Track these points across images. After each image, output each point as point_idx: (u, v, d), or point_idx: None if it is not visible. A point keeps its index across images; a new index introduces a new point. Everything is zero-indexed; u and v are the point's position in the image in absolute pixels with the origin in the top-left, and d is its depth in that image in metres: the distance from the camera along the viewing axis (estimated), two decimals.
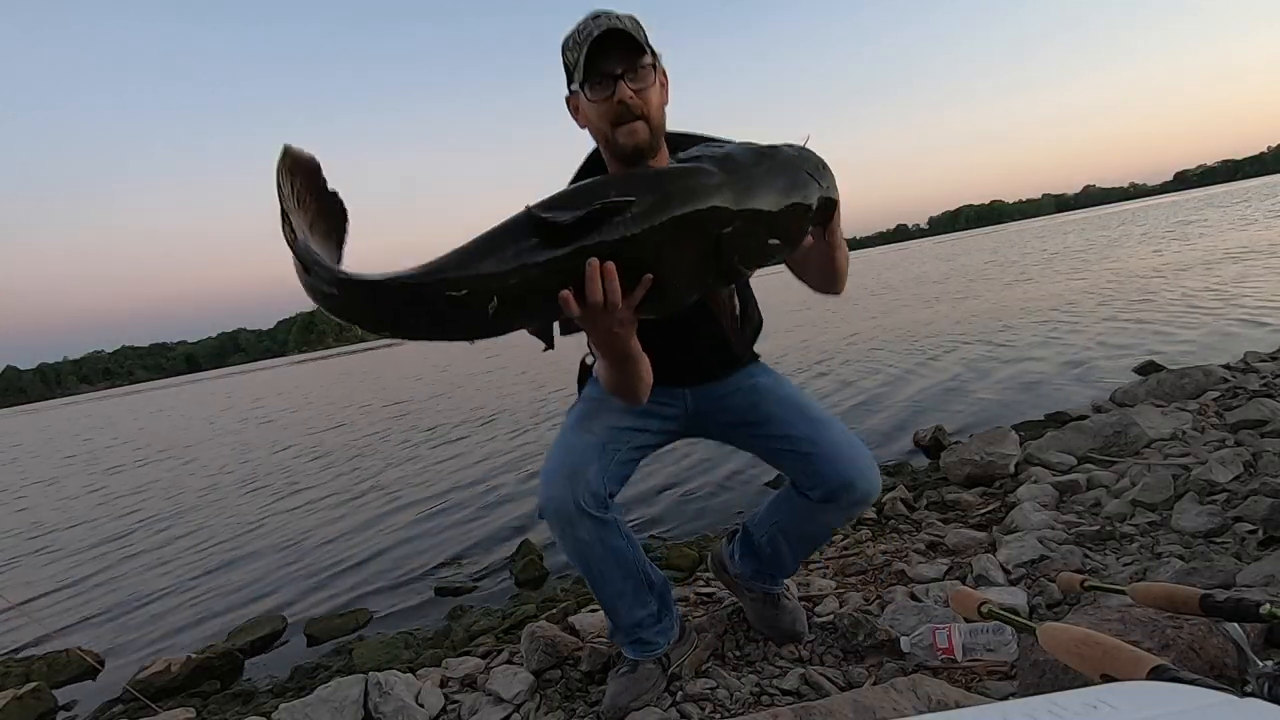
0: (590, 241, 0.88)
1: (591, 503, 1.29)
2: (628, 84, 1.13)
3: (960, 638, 1.43)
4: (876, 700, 0.76)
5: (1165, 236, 18.60)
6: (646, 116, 1.17)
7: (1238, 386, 3.32)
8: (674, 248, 0.94)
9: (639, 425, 1.43)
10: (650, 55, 1.15)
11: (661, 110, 1.21)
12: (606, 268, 0.88)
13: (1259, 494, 1.90)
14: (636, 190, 0.93)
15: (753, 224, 1.00)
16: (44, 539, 5.75)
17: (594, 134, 1.24)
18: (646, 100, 1.16)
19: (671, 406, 1.48)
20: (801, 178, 1.05)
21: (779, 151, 1.06)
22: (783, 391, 1.48)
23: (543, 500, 1.31)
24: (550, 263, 0.88)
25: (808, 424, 1.40)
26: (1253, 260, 9.90)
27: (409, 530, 4.13)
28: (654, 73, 1.17)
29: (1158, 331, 5.99)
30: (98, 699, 2.62)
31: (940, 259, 31.56)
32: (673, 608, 1.57)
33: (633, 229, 0.90)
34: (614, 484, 1.36)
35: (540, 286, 0.89)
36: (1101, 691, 0.55)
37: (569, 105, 1.26)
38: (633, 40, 1.12)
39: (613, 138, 1.18)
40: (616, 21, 1.12)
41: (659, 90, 1.20)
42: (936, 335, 8.02)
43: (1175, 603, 1.07)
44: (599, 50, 1.12)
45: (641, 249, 0.91)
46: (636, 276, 0.92)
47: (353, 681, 1.77)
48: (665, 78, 1.22)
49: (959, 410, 4.58)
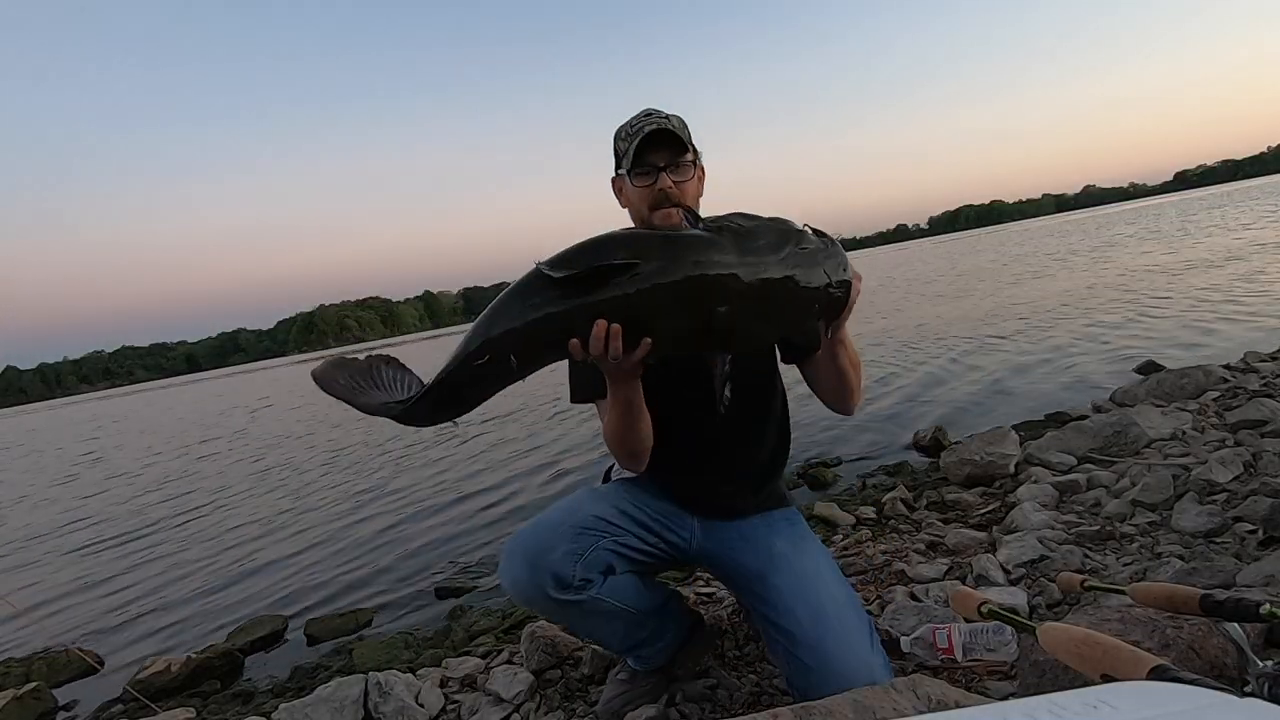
0: (591, 299, 0.95)
1: (554, 586, 1.22)
2: (669, 175, 1.26)
3: (960, 638, 1.43)
4: (876, 700, 0.76)
5: (1166, 236, 18.61)
6: (681, 204, 1.27)
7: (1238, 386, 3.32)
8: (669, 315, 0.98)
9: (638, 531, 1.34)
10: (692, 153, 1.29)
11: (696, 201, 1.32)
12: (613, 329, 0.96)
13: (1259, 494, 1.90)
14: (646, 251, 0.96)
15: (751, 305, 1.00)
16: (44, 539, 5.76)
17: (632, 214, 1.34)
18: (684, 191, 1.28)
19: (676, 533, 1.39)
20: (815, 271, 1.03)
21: (804, 239, 1.04)
22: (800, 565, 1.30)
23: (503, 580, 1.28)
24: (556, 317, 0.97)
25: (815, 627, 1.19)
26: (1254, 260, 9.90)
27: (409, 530, 4.13)
28: (693, 168, 1.30)
29: (1158, 331, 5.99)
30: (98, 699, 2.62)
31: (942, 258, 31.56)
32: (677, 618, 1.49)
33: (632, 290, 0.95)
34: (589, 570, 1.25)
35: (549, 339, 0.99)
36: (1101, 691, 0.55)
37: (614, 186, 1.37)
38: (678, 139, 1.26)
39: (648, 220, 1.28)
40: (665, 122, 1.26)
41: (696, 184, 1.33)
42: (937, 335, 8.02)
43: (1175, 603, 1.07)
44: (647, 144, 1.25)
45: (638, 310, 0.96)
46: (634, 334, 0.97)
47: (353, 681, 1.77)
48: (703, 173, 1.35)
49: (959, 410, 4.58)
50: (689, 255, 0.97)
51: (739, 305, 0.98)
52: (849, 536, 2.43)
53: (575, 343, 0.97)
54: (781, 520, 1.41)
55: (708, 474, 1.38)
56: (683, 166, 1.27)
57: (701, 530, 1.40)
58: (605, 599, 1.27)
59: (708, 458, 1.38)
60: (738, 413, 1.36)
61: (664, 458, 1.33)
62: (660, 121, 1.26)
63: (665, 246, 0.98)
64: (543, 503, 4.21)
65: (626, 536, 1.32)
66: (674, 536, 1.38)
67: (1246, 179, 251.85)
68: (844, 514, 2.65)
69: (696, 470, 1.38)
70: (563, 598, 1.23)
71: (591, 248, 0.98)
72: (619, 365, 1.00)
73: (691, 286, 0.96)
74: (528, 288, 0.98)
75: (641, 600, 1.34)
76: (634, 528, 1.33)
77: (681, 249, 0.98)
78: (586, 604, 1.26)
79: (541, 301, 0.97)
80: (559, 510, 1.32)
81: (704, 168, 1.35)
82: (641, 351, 0.98)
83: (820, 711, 0.73)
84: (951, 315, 9.73)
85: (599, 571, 1.27)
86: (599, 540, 1.28)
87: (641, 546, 1.34)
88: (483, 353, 0.99)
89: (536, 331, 0.98)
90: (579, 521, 1.28)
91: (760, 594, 1.29)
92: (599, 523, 1.30)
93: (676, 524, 1.39)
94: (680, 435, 1.33)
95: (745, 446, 1.40)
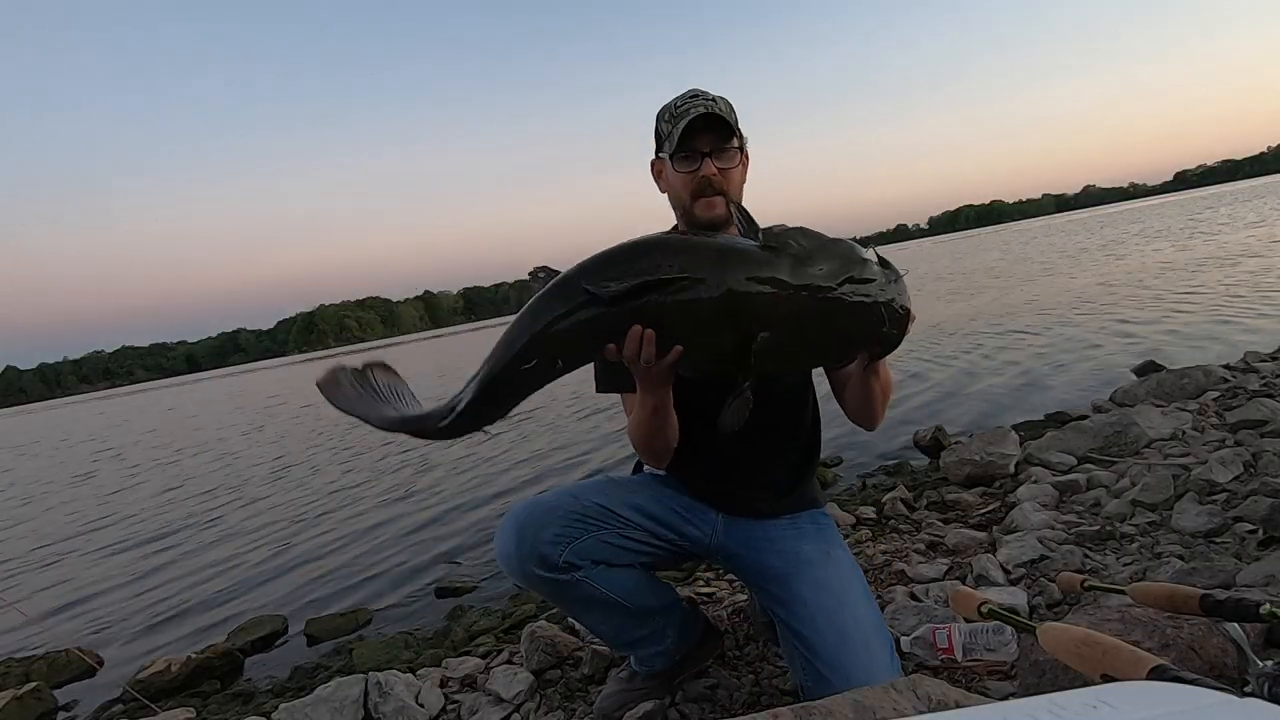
0: (634, 304, 0.93)
1: (538, 564, 1.22)
2: (714, 162, 1.21)
3: (960, 638, 1.43)
4: (876, 700, 0.76)
5: (1165, 236, 18.59)
6: (725, 193, 1.24)
7: (1238, 386, 3.32)
8: (708, 332, 0.95)
9: (650, 525, 1.32)
10: (738, 139, 1.24)
11: (740, 189, 1.28)
12: (647, 335, 0.94)
13: (1259, 494, 1.90)
14: (693, 263, 0.93)
15: (795, 335, 0.96)
16: (44, 540, 5.75)
17: (672, 200, 1.30)
18: (729, 178, 1.24)
19: (696, 527, 1.36)
20: (871, 309, 0.97)
21: (866, 269, 0.97)
22: (826, 578, 1.25)
23: (495, 551, 1.29)
24: (600, 319, 0.95)
25: (840, 652, 1.15)
26: (1256, 260, 9.90)
27: (409, 530, 4.13)
28: (739, 155, 1.25)
29: (1158, 331, 5.99)
30: (98, 699, 2.62)
31: (944, 257, 31.53)
32: (682, 624, 1.46)
33: (675, 300, 0.93)
34: (576, 557, 1.24)
35: (588, 343, 0.98)
36: (1101, 691, 0.55)
37: (653, 169, 1.32)
38: (725, 124, 1.20)
39: (691, 208, 1.24)
40: (712, 105, 1.20)
41: (740, 171, 1.27)
42: (937, 335, 8.02)
43: (1175, 603, 1.07)
44: (693, 128, 1.19)
45: (678, 322, 0.94)
46: (670, 344, 0.96)
47: (353, 681, 1.77)
48: (748, 159, 1.29)
49: (959, 410, 4.58)
50: (739, 273, 0.92)
51: (783, 334, 0.95)
52: (849, 536, 2.43)
53: (612, 346, 0.96)
54: (809, 524, 1.37)
55: (736, 479, 1.36)
56: (728, 153, 1.22)
57: (724, 526, 1.37)
58: (594, 584, 1.26)
59: (736, 464, 1.35)
60: (769, 423, 1.32)
61: (692, 460, 1.32)
62: (708, 104, 1.20)
63: (717, 261, 0.93)
64: None
65: (631, 530, 1.30)
66: (694, 530, 1.36)
67: (1247, 179, 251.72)
68: (844, 514, 2.65)
69: (725, 476, 1.35)
70: (548, 576, 1.23)
71: (643, 253, 0.95)
72: (650, 371, 0.99)
73: (736, 308, 0.93)
74: (568, 287, 0.95)
75: (639, 597, 1.33)
76: (645, 521, 1.32)
77: (734, 265, 0.93)
78: (573, 585, 1.25)
79: (585, 302, 0.94)
80: (563, 493, 1.31)
81: (749, 155, 1.29)
82: (673, 358, 0.96)
83: (820, 711, 0.73)
84: (951, 315, 9.72)
85: (590, 560, 1.25)
86: (597, 531, 1.27)
87: (650, 541, 1.32)
88: (528, 356, 0.97)
89: (579, 334, 0.96)
90: (579, 509, 1.27)
91: (781, 597, 1.26)
92: (603, 513, 1.28)
93: (698, 518, 1.36)
94: (709, 440, 1.26)
95: (775, 456, 1.37)
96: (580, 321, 0.95)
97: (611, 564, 1.28)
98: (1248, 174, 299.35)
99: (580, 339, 0.97)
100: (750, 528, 1.36)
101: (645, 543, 1.32)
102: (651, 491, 1.36)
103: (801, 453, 1.40)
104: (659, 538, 1.33)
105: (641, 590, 1.34)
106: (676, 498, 1.36)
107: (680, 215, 1.30)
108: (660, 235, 1.00)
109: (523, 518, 1.25)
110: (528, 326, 0.96)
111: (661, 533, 1.33)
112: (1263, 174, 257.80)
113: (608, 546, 1.28)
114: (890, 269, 1.00)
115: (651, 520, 1.32)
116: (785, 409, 1.35)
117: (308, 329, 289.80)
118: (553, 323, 0.95)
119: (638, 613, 1.34)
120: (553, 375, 1.00)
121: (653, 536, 1.33)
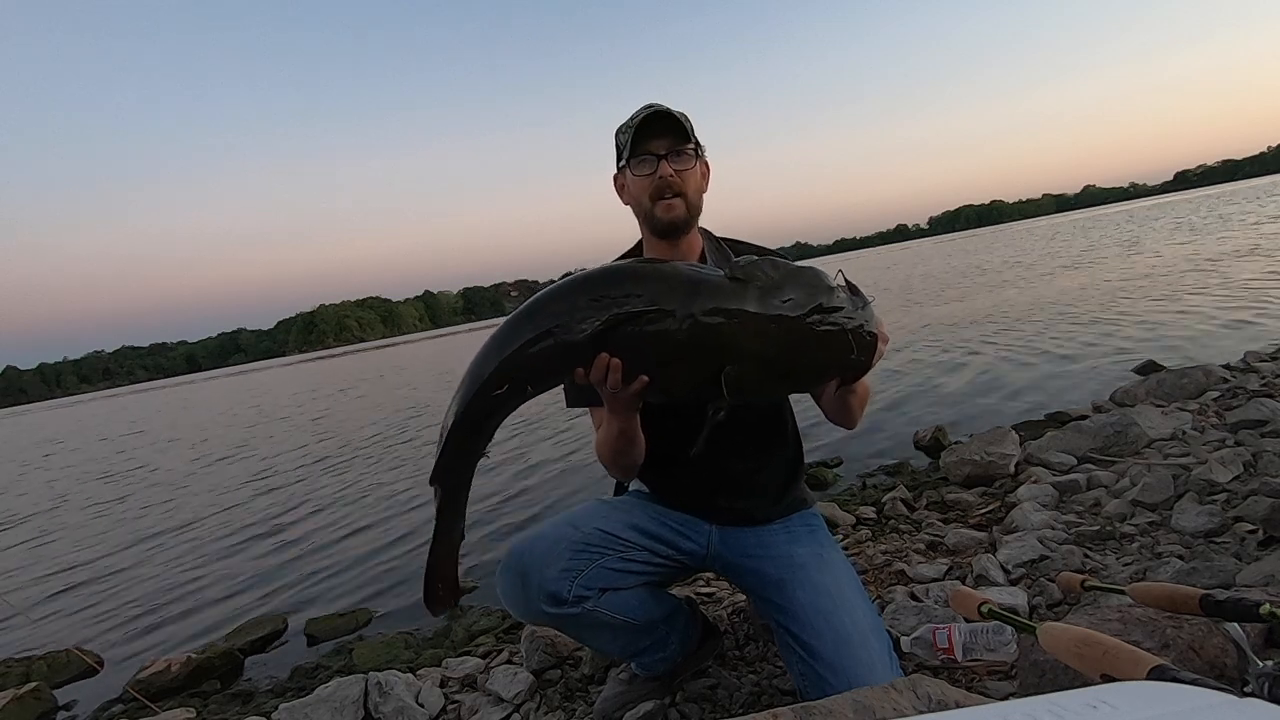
0: (597, 335, 0.95)
1: (549, 602, 1.21)
2: (670, 164, 1.22)
3: (960, 638, 1.42)
4: (876, 700, 0.76)
5: (1167, 236, 18.59)
6: (684, 195, 1.24)
7: (1238, 386, 3.32)
8: (676, 363, 0.96)
9: (649, 544, 1.32)
10: (694, 144, 1.25)
11: (699, 194, 1.29)
12: (613, 363, 0.96)
13: (1259, 494, 1.90)
14: (661, 294, 0.94)
15: (762, 366, 0.97)
16: (43, 540, 5.76)
17: (635, 208, 1.31)
18: (685, 180, 1.24)
19: (692, 540, 1.36)
20: (838, 338, 0.97)
21: (833, 298, 0.97)
22: (822, 580, 1.25)
23: (499, 594, 1.27)
24: (564, 351, 0.96)
25: (839, 656, 1.15)
26: (1257, 259, 9.89)
27: (409, 530, 4.13)
28: (695, 159, 1.26)
29: (1158, 331, 5.99)
30: (98, 699, 2.62)
31: (944, 257, 31.55)
32: (683, 629, 1.46)
33: (643, 331, 0.94)
34: (585, 589, 1.23)
35: (556, 369, 0.99)
36: (1101, 691, 0.55)
37: (615, 183, 1.34)
38: (678, 124, 1.22)
39: (651, 211, 1.25)
40: (664, 107, 1.22)
41: (698, 177, 1.28)
42: (937, 335, 8.02)
43: (1175, 603, 1.07)
44: (646, 131, 1.21)
45: (645, 352, 0.96)
46: (637, 373, 0.98)
47: (353, 681, 1.77)
48: (707, 168, 1.31)
49: (959, 410, 4.58)
50: (706, 305, 0.93)
51: (751, 365, 0.95)
52: (849, 536, 2.43)
53: (580, 370, 0.98)
54: (802, 527, 1.38)
55: (727, 492, 1.36)
56: (684, 155, 1.24)
57: (719, 537, 1.37)
58: (603, 612, 1.26)
59: (726, 477, 1.35)
60: (753, 435, 1.33)
61: (682, 475, 1.33)
62: (660, 107, 1.23)
63: (685, 293, 0.94)
64: (546, 503, 4.22)
65: (633, 552, 1.30)
66: (689, 544, 1.36)
67: (1247, 179, 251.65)
68: (844, 514, 2.65)
69: (715, 489, 1.36)
70: (558, 612, 1.22)
71: (613, 282, 0.95)
72: (617, 397, 1.00)
73: (704, 341, 0.94)
74: (536, 315, 0.97)
75: (644, 612, 1.33)
76: (644, 541, 1.31)
77: (701, 297, 0.94)
78: (583, 617, 1.24)
79: (552, 330, 0.95)
80: (560, 524, 1.29)
81: (708, 164, 1.31)
82: (638, 387, 0.98)
83: (820, 711, 0.73)
84: (951, 315, 9.72)
85: (597, 588, 1.24)
86: (601, 558, 1.26)
87: (651, 560, 1.32)
88: (498, 384, 0.97)
89: (546, 361, 0.97)
90: (581, 538, 1.26)
91: (779, 603, 1.26)
92: (605, 539, 1.27)
93: (693, 531, 1.37)
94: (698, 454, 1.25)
95: (763, 465, 1.37)
96: (547, 349, 0.96)
97: (618, 588, 1.28)
98: (1248, 174, 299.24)
99: (548, 366, 0.98)
100: (744, 536, 1.36)
101: (646, 562, 1.32)
102: (645, 510, 1.36)
103: (788, 458, 1.41)
104: (658, 555, 1.33)
105: (647, 606, 1.34)
106: (670, 513, 1.37)
107: (643, 222, 1.31)
108: (630, 263, 1.00)
109: (525, 557, 1.23)
110: (495, 354, 0.98)
111: (660, 549, 1.34)
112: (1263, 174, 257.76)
113: (612, 572, 1.27)
114: (859, 296, 1.02)
115: (650, 538, 1.33)
116: (767, 420, 1.37)
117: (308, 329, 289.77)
118: (520, 350, 0.96)
119: (644, 627, 1.34)
120: (525, 398, 1.01)
121: (653, 555, 1.33)
